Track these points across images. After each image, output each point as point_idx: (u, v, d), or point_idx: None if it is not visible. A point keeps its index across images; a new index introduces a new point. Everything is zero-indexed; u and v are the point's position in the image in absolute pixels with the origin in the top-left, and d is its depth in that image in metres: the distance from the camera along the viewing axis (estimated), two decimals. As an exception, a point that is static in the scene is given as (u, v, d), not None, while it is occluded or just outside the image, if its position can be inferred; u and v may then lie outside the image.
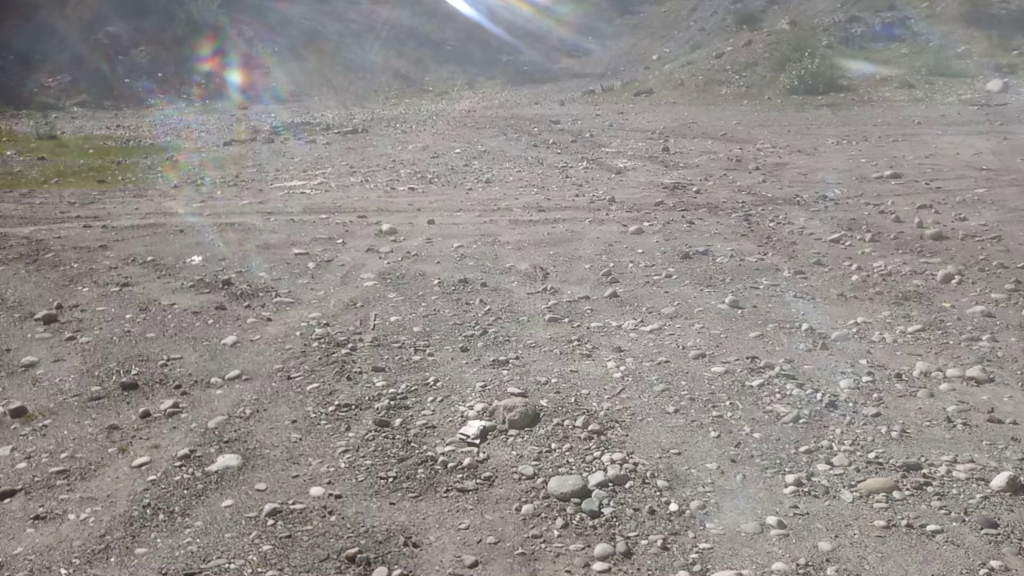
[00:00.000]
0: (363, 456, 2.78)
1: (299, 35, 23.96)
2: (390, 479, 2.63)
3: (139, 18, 22.98)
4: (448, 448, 2.82)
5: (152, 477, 2.65)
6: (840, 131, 11.59)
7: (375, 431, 2.95)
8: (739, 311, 4.23)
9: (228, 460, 2.75)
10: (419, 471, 2.67)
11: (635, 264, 5.20)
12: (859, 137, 10.87)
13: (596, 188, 7.97)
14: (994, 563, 2.12)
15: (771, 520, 2.34)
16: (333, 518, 2.40)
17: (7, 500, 2.55)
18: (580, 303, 4.44)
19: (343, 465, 2.72)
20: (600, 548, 2.24)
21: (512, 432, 2.93)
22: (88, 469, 2.73)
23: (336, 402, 3.21)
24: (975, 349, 3.62)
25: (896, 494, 2.47)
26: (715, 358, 3.59)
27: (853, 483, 2.54)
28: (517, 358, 3.65)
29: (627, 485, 2.56)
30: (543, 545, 2.27)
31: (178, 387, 3.40)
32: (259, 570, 2.15)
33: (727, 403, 3.13)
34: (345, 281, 4.98)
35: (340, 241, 6.02)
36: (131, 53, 22.34)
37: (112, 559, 2.22)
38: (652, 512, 2.41)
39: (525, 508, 2.44)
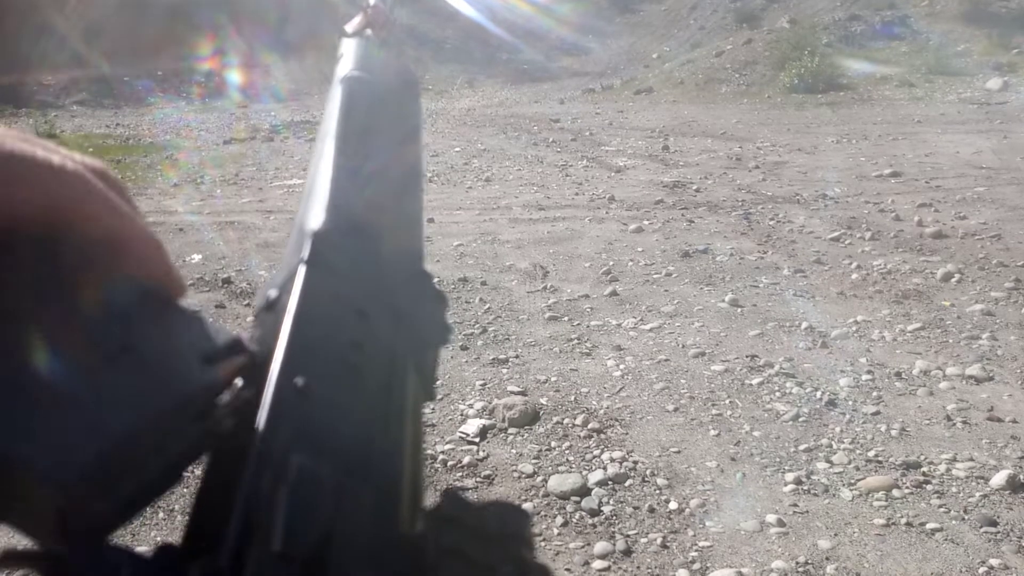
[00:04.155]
0: (363, 454, 2.78)
1: (299, 34, 23.95)
2: (390, 477, 2.63)
3: (139, 16, 22.97)
4: (448, 446, 2.82)
5: (152, 475, 2.65)
6: (840, 130, 11.58)
7: (375, 429, 2.95)
8: (739, 309, 4.23)
9: (228, 458, 2.75)
10: (419, 469, 2.68)
11: (635, 262, 5.20)
12: (859, 136, 10.87)
13: (596, 186, 7.96)
14: (994, 561, 2.12)
15: (771, 518, 2.34)
16: (333, 516, 2.40)
17: (7, 498, 2.55)
18: (580, 301, 4.44)
19: (343, 463, 2.72)
20: (600, 546, 2.24)
21: (512, 430, 2.93)
22: (88, 467, 2.73)
23: (336, 401, 3.21)
24: (975, 347, 3.62)
25: (896, 492, 2.47)
26: (715, 356, 3.60)
27: (852, 481, 2.54)
28: (517, 356, 3.65)
29: (627, 483, 2.56)
30: (543, 543, 2.27)
31: (178, 386, 3.39)
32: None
33: (727, 401, 3.13)
34: (345, 280, 4.98)
35: (340, 240, 6.02)
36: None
37: (112, 557, 2.22)
38: (652, 510, 2.41)
39: (525, 506, 2.44)
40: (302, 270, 0.28)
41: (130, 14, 22.89)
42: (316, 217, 0.31)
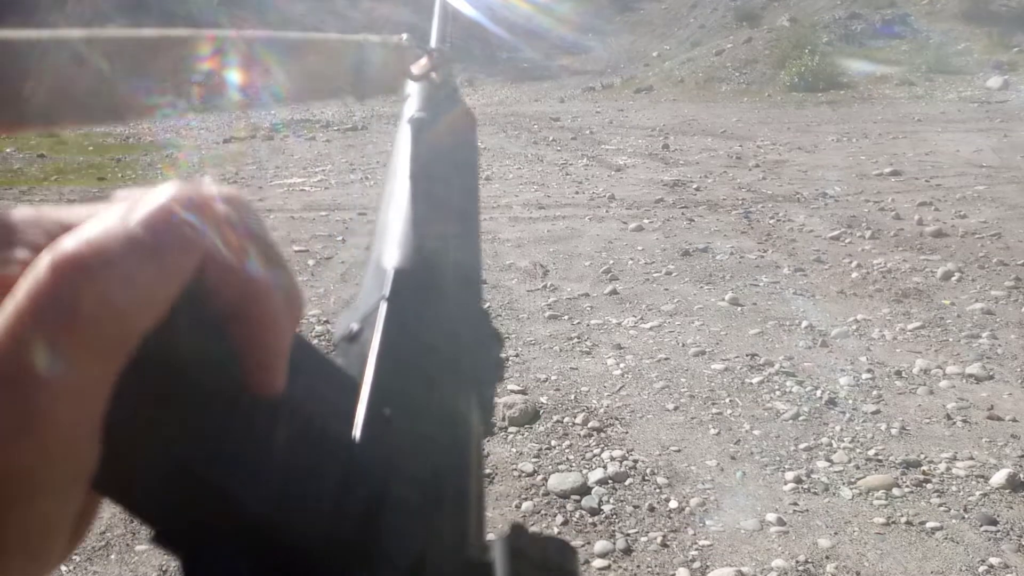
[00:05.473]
0: (363, 453, 2.78)
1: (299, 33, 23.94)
2: (390, 476, 2.63)
3: (139, 16, 22.98)
4: (448, 445, 2.82)
5: (152, 474, 2.65)
6: (840, 128, 11.58)
7: (375, 428, 2.96)
8: (739, 308, 4.23)
9: (228, 457, 2.75)
10: (419, 468, 2.68)
11: (635, 261, 5.20)
12: (859, 134, 10.86)
13: (596, 185, 7.96)
14: (993, 560, 2.12)
15: (771, 517, 2.34)
16: (333, 515, 2.40)
17: (7, 497, 2.55)
18: (580, 300, 4.44)
19: (343, 462, 2.72)
20: (600, 545, 2.24)
21: (512, 429, 2.93)
22: (88, 466, 2.73)
23: (336, 399, 3.21)
24: (975, 346, 3.62)
25: (896, 491, 2.47)
26: (715, 355, 3.60)
27: (853, 480, 2.54)
28: (517, 355, 3.65)
29: (627, 482, 2.56)
30: (543, 542, 2.27)
31: (178, 385, 3.40)
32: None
33: (727, 400, 3.13)
34: (345, 279, 4.98)
35: (340, 239, 6.02)
36: (131, 51, 22.34)
37: (112, 556, 2.22)
38: (652, 509, 2.41)
39: (525, 505, 2.45)
40: (384, 306, 0.30)
41: (130, 13, 22.90)
42: (393, 255, 0.33)
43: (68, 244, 0.18)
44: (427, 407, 0.28)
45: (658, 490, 2.52)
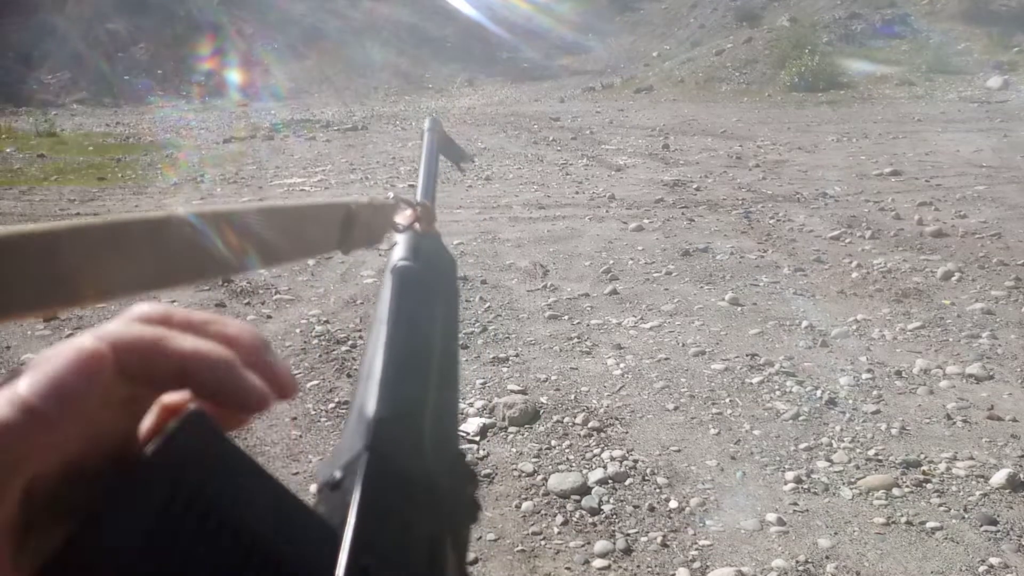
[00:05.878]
0: (363, 453, 2.78)
1: (299, 33, 23.95)
2: (390, 476, 2.63)
3: (139, 16, 22.98)
4: (448, 445, 2.82)
5: (152, 474, 2.65)
6: (840, 128, 11.57)
7: (375, 428, 2.95)
8: (739, 308, 4.23)
9: (228, 457, 2.75)
10: (419, 468, 2.68)
11: (635, 261, 5.20)
12: (859, 134, 10.86)
13: (596, 185, 7.96)
14: (993, 560, 2.12)
15: (771, 517, 2.34)
16: (333, 515, 2.40)
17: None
18: (580, 300, 4.44)
19: (343, 462, 2.72)
20: (600, 545, 2.24)
21: (512, 429, 2.93)
22: (88, 466, 2.73)
23: (336, 399, 3.21)
24: (975, 346, 3.62)
25: (896, 491, 2.47)
26: (715, 355, 3.60)
27: (853, 480, 2.55)
28: (517, 355, 3.65)
29: (627, 482, 2.56)
30: (543, 542, 2.27)
31: (178, 384, 3.39)
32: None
33: (727, 400, 3.13)
34: (345, 278, 4.98)
35: (340, 239, 6.02)
36: (131, 51, 22.34)
37: None
38: (652, 509, 2.41)
39: (525, 505, 2.45)
40: (365, 457, 0.31)
41: (130, 13, 22.90)
42: (374, 404, 0.35)
43: None
44: (404, 557, 0.29)
45: (658, 490, 2.52)
